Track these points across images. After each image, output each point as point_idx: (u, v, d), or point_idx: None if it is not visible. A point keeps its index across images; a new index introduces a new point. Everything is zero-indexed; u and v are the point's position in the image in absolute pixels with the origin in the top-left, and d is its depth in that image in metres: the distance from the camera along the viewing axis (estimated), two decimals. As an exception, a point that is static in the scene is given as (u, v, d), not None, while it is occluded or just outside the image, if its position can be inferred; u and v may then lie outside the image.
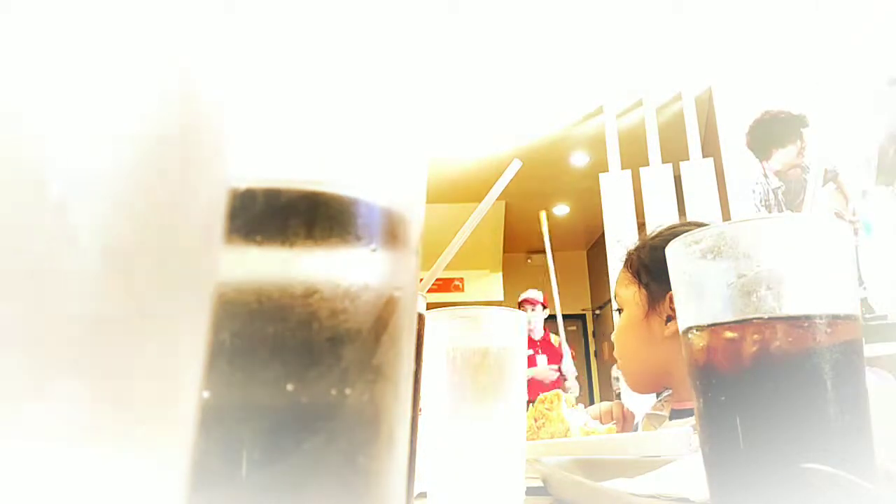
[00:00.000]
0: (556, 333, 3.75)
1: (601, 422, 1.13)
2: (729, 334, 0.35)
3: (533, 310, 4.44)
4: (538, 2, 2.92)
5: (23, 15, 0.09)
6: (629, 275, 1.11)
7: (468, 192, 4.31)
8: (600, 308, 6.22)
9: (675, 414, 1.08)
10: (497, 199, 0.45)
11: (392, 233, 0.21)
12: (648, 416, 1.19)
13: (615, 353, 1.14)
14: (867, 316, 2.86)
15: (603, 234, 3.87)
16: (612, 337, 1.16)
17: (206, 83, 0.13)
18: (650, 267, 1.08)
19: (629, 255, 1.13)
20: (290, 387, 0.18)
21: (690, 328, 0.37)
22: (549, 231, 3.06)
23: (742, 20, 3.06)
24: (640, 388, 1.13)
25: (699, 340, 0.36)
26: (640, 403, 1.32)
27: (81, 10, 0.10)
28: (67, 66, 0.10)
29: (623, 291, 1.11)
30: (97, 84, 0.10)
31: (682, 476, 0.49)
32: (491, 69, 3.41)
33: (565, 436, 0.95)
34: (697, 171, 3.62)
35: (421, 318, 0.43)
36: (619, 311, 1.14)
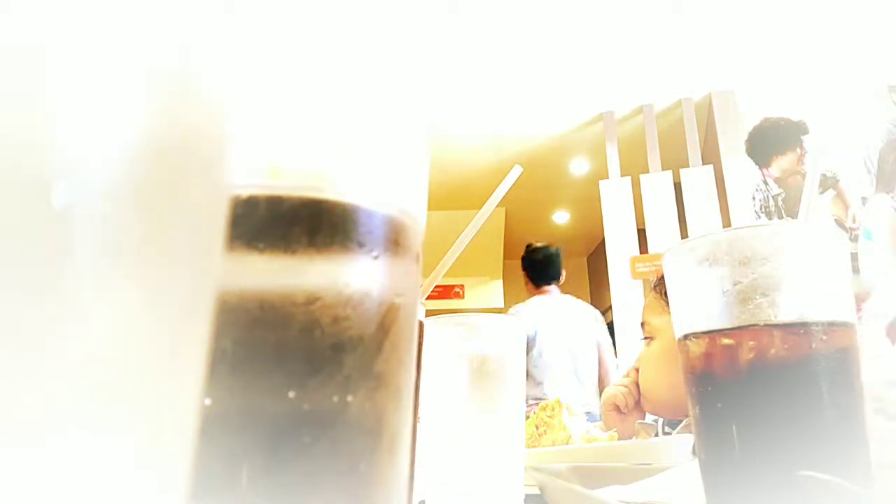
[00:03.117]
0: None
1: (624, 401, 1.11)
2: (725, 341, 0.35)
3: None
4: (538, 9, 2.93)
5: (25, 18, 0.10)
6: (662, 302, 1.03)
7: (468, 198, 4.31)
8: (601, 315, 6.20)
9: (670, 423, 1.09)
10: (497, 206, 0.45)
11: (394, 240, 0.21)
12: (640, 424, 1.18)
13: (641, 383, 1.07)
14: (868, 323, 2.85)
15: (603, 241, 3.87)
16: (635, 366, 1.10)
17: (207, 90, 0.13)
18: None
19: (660, 280, 1.05)
20: (291, 394, 0.18)
21: (687, 335, 0.37)
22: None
23: (742, 27, 3.06)
24: (669, 413, 1.09)
25: (696, 347, 0.36)
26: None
27: (83, 16, 0.10)
28: (69, 72, 0.10)
29: (655, 320, 1.04)
30: (99, 91, 0.10)
31: (677, 483, 0.49)
32: (491, 76, 3.42)
33: (567, 443, 0.95)
34: (697, 177, 3.62)
35: (420, 325, 0.43)
36: (647, 339, 1.06)
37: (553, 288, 2.98)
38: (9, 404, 0.09)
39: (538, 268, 3.03)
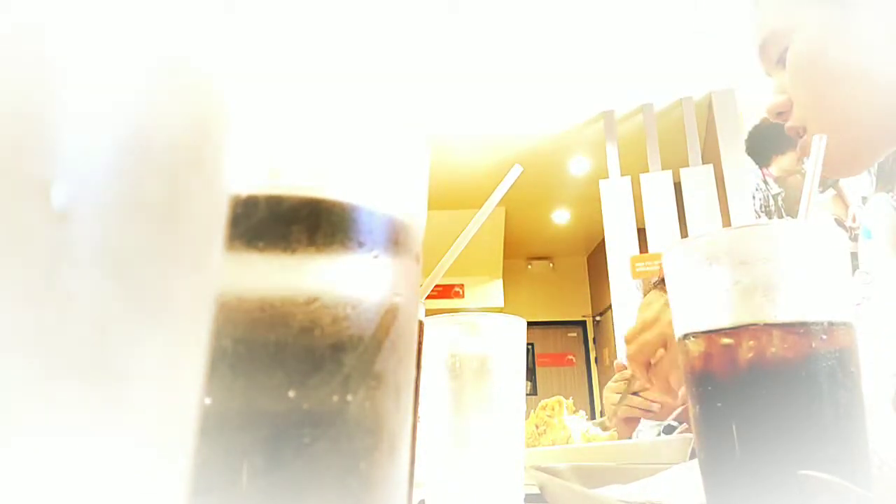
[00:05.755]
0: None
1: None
2: (725, 341, 0.35)
3: None
4: (537, 8, 2.93)
5: (25, 17, 0.10)
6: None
7: (468, 198, 4.31)
8: (601, 314, 6.21)
9: (667, 428, 1.09)
10: (497, 206, 0.45)
11: (394, 239, 0.21)
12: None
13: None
14: (868, 322, 2.85)
15: (603, 241, 3.87)
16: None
17: (208, 90, 0.13)
18: None
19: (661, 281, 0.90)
20: (291, 393, 0.18)
21: (687, 335, 0.37)
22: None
23: (742, 26, 3.06)
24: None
25: (695, 347, 0.36)
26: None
27: (84, 14, 0.10)
28: (69, 71, 0.10)
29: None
30: (100, 91, 0.10)
31: (677, 483, 0.49)
32: (491, 75, 3.42)
33: (566, 442, 0.95)
34: (697, 177, 3.62)
35: (420, 324, 0.43)
36: None
37: None
38: (9, 404, 0.09)
39: None
